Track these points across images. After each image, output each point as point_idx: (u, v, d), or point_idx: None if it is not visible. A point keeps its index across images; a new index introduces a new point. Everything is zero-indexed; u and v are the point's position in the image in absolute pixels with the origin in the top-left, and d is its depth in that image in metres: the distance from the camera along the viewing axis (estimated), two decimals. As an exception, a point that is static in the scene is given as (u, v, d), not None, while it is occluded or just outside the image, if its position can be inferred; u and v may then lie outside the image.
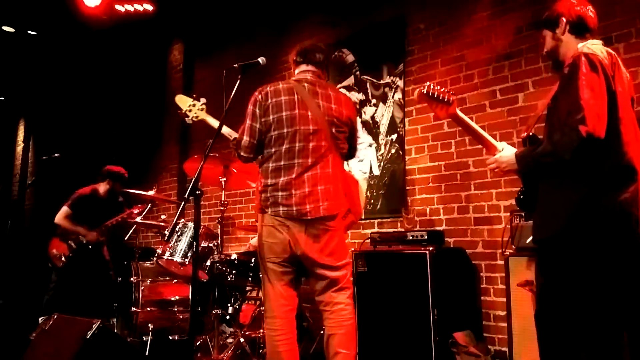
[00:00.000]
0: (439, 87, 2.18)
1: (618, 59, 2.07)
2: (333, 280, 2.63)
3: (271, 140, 2.61)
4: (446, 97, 2.18)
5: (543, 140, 2.05)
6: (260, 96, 2.64)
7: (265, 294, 2.64)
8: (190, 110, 3.06)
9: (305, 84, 2.70)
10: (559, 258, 1.98)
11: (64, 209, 4.99)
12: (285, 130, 2.59)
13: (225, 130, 2.79)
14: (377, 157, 4.64)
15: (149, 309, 3.94)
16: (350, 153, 2.88)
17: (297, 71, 2.83)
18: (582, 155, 1.88)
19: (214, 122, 2.97)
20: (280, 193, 2.55)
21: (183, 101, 3.11)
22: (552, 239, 2.00)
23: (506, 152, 2.16)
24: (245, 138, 2.61)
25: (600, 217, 1.91)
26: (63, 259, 4.87)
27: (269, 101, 2.61)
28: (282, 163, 2.58)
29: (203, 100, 3.08)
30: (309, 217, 2.55)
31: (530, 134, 2.23)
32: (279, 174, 2.58)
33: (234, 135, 2.77)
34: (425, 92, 2.17)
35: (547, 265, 2.04)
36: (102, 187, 5.13)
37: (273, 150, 2.60)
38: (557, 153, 1.92)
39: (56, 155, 5.41)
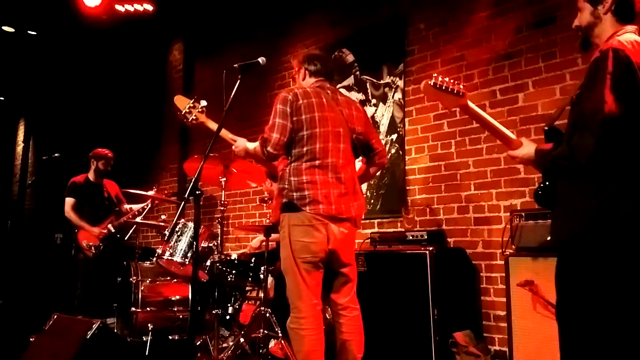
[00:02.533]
0: (447, 79, 2.05)
1: None
2: (351, 279, 2.75)
3: (303, 139, 2.63)
4: (456, 89, 2.05)
5: (563, 139, 1.92)
6: (290, 96, 2.66)
7: (295, 294, 2.61)
8: (189, 113, 3.00)
9: (329, 92, 2.78)
10: (577, 262, 1.87)
11: (67, 200, 4.93)
12: (318, 130, 2.64)
13: (223, 132, 2.78)
14: (377, 157, 4.64)
15: (148, 309, 3.94)
16: (375, 154, 2.92)
17: (309, 80, 2.85)
18: (599, 160, 1.79)
19: (214, 126, 2.91)
20: (319, 191, 2.58)
21: (182, 102, 3.04)
22: (571, 242, 1.90)
23: (527, 147, 2.05)
24: (276, 135, 2.60)
25: (618, 224, 1.79)
26: (93, 249, 4.81)
27: (300, 101, 2.65)
28: (316, 162, 2.62)
29: (203, 102, 3.01)
30: (344, 217, 2.63)
31: (553, 125, 2.09)
32: (314, 172, 2.61)
33: (234, 137, 2.83)
34: (432, 84, 2.02)
35: (564, 268, 1.93)
36: (91, 172, 5.10)
37: (305, 149, 2.63)
38: (573, 157, 1.82)
39: (56, 155, 5.41)
